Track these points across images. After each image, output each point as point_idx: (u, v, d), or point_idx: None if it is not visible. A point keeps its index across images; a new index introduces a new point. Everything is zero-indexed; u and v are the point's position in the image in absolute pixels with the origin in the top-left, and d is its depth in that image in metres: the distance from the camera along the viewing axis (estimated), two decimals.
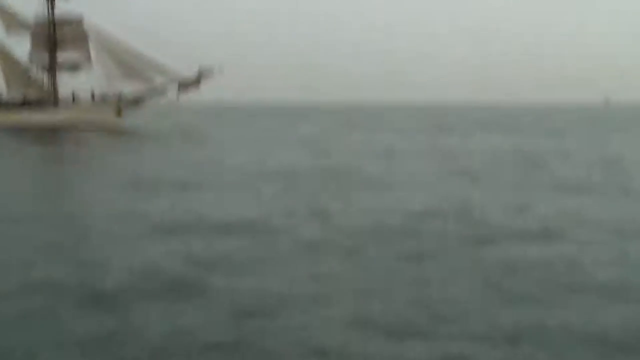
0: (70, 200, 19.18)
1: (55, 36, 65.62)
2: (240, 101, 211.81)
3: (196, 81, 65.49)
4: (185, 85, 65.40)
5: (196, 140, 49.00)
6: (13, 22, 64.74)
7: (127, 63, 63.89)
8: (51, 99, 65.19)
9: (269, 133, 58.67)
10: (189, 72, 65.63)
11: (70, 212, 17.05)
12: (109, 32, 65.47)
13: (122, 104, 65.18)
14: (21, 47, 66.63)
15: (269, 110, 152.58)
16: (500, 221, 15.62)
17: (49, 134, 55.52)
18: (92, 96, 65.43)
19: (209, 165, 29.17)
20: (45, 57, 65.99)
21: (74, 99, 65.58)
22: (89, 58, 65.82)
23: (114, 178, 24.40)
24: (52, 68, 66.15)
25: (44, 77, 66.27)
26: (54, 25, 65.65)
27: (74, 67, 66.49)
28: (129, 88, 65.71)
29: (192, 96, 68.53)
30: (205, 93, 69.75)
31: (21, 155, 37.58)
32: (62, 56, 66.69)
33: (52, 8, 65.97)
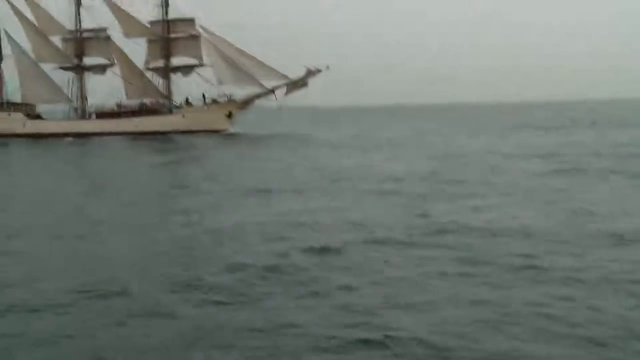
0: (199, 208, 20.44)
1: (169, 41, 68.58)
2: (345, 103, 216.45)
3: (304, 82, 66.74)
4: (293, 86, 66.82)
5: (304, 144, 50.15)
6: (131, 27, 68.21)
7: (238, 66, 65.97)
8: (166, 104, 68.22)
9: (370, 135, 59.34)
10: (296, 73, 66.93)
11: (202, 220, 18.22)
12: (220, 35, 67.85)
13: (232, 107, 67.37)
14: (136, 53, 69.94)
15: (369, 111, 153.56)
16: None
17: (165, 140, 58.24)
18: (204, 99, 68.04)
19: (318, 170, 30.05)
20: (160, 61, 69.06)
21: (187, 103, 68.34)
22: (201, 61, 68.38)
23: (235, 184, 25.64)
24: (166, 73, 69.21)
25: (159, 82, 69.37)
26: (169, 29, 68.62)
27: (186, 71, 69.28)
28: (239, 90, 67.93)
29: (300, 97, 69.73)
30: (312, 94, 70.60)
31: (143, 162, 39.83)
32: (176, 60, 69.66)
33: (167, 12, 69.02)
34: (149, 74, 69.46)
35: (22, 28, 68.30)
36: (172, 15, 68.96)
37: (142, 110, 67.55)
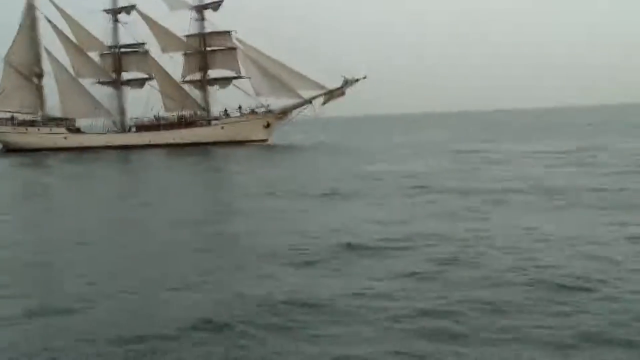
0: (239, 215, 22.45)
1: (206, 54, 71.08)
2: (383, 113, 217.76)
3: (341, 91, 68.46)
4: (330, 96, 68.58)
5: (341, 152, 51.92)
6: (169, 41, 70.94)
7: (275, 77, 68.01)
8: (204, 116, 70.70)
9: (408, 143, 60.95)
10: (333, 82, 68.58)
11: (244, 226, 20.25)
12: (257, 47, 69.91)
13: (269, 118, 69.44)
14: (172, 66, 72.42)
15: (400, 120, 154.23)
16: None
17: (205, 151, 60.59)
18: (240, 110, 70.24)
19: (353, 176, 31.83)
20: (197, 74, 71.58)
21: (225, 114, 70.65)
22: (238, 73, 70.57)
23: (276, 189, 27.61)
24: (204, 85, 71.71)
25: (197, 94, 71.84)
26: (205, 42, 71.13)
27: (224, 83, 71.60)
28: (276, 101, 69.95)
29: (336, 106, 71.43)
30: (349, 105, 72.52)
31: (185, 173, 42.02)
32: (213, 73, 72.04)
33: (203, 26, 71.46)
34: (186, 87, 72.04)
35: (61, 45, 71.54)
36: (207, 28, 71.50)
37: (181, 123, 70.17)
